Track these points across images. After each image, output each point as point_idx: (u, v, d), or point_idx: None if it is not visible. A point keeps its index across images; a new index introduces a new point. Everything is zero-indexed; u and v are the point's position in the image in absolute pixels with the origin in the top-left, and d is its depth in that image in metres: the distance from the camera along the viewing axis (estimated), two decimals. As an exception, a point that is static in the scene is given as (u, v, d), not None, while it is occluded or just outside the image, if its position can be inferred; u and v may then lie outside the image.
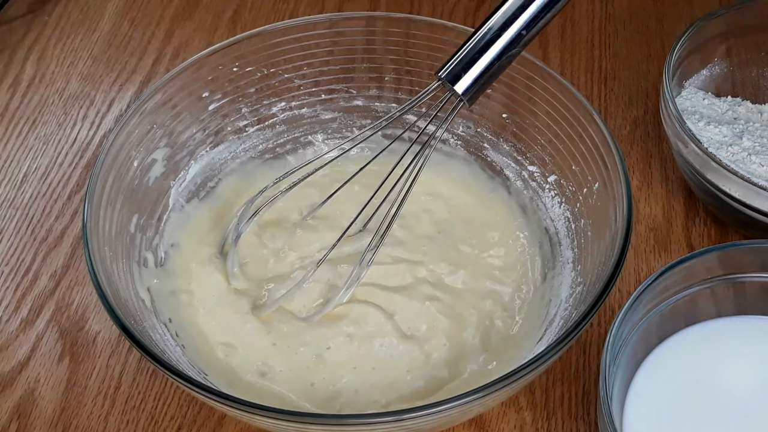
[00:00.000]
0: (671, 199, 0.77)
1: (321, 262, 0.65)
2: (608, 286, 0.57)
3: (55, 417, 0.65)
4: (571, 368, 0.67)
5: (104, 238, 0.61)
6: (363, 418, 0.53)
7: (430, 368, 0.63)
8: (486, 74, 0.60)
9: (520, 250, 0.70)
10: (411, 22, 0.73)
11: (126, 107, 0.86)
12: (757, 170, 0.71)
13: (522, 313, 0.67)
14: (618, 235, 0.60)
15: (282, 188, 0.67)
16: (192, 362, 0.62)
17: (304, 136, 0.76)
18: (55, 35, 0.92)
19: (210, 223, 0.72)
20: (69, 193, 0.79)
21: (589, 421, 0.64)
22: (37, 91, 0.87)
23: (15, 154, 0.82)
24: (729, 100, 0.79)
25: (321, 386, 0.63)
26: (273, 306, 0.65)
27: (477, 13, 0.93)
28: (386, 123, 0.66)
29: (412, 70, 0.74)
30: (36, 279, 0.73)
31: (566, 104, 0.67)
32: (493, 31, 0.60)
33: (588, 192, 0.66)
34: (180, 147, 0.71)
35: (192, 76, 0.70)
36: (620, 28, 0.91)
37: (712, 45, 0.79)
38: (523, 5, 0.59)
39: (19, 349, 0.69)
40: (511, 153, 0.73)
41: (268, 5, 0.94)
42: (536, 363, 0.54)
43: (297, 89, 0.75)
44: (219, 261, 0.68)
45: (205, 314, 0.66)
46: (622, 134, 0.82)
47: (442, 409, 0.52)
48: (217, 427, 0.65)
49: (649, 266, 0.73)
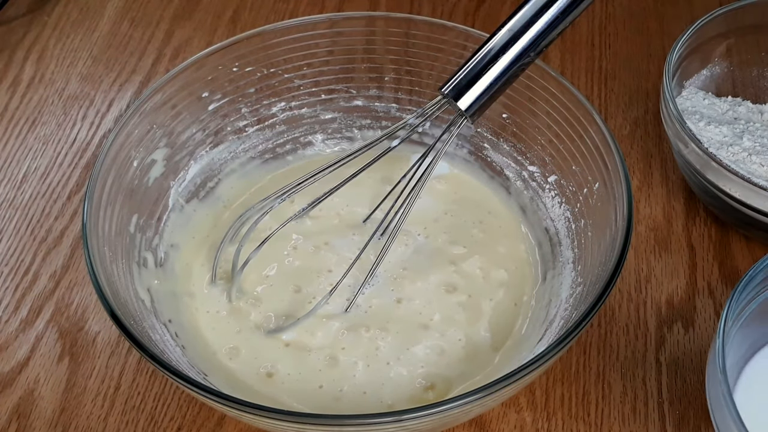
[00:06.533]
0: (671, 199, 0.77)
1: (332, 292, 0.65)
2: (608, 286, 0.57)
3: (55, 417, 0.65)
4: (571, 368, 0.67)
5: (104, 239, 0.61)
6: (363, 418, 0.53)
7: (443, 367, 0.64)
8: (489, 92, 0.61)
9: (522, 248, 0.70)
10: (411, 22, 0.73)
11: (126, 107, 0.86)
12: (758, 170, 0.71)
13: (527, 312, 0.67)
14: (618, 235, 0.60)
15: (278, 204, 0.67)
16: (192, 363, 0.62)
17: (304, 136, 0.76)
18: (54, 35, 0.92)
19: (210, 223, 0.72)
20: (69, 193, 0.79)
21: (590, 422, 0.64)
22: (37, 91, 0.87)
23: (15, 154, 0.82)
24: (729, 100, 0.79)
25: (329, 389, 0.63)
26: (287, 330, 0.65)
27: (477, 13, 0.93)
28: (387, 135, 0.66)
29: (412, 70, 0.74)
30: (36, 279, 0.73)
31: (566, 104, 0.67)
32: (497, 49, 0.60)
33: (588, 192, 0.66)
34: (180, 147, 0.71)
35: (192, 76, 0.70)
36: (620, 28, 0.91)
37: (712, 45, 0.79)
38: (528, 23, 0.60)
39: (19, 350, 0.69)
40: (511, 153, 0.73)
41: (268, 5, 0.94)
42: (536, 363, 0.54)
43: (297, 89, 0.75)
44: (222, 283, 0.68)
45: (207, 318, 0.66)
46: (622, 134, 0.82)
47: (442, 409, 0.52)
48: (216, 428, 0.65)
49: (649, 266, 0.73)
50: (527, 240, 0.71)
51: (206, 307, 0.67)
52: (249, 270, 0.66)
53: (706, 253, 0.74)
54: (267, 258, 0.68)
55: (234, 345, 0.65)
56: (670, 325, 0.69)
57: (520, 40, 0.60)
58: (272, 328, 0.65)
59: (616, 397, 0.66)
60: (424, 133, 0.75)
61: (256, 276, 0.68)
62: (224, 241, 0.67)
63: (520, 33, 0.60)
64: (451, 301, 0.67)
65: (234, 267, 0.67)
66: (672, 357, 0.68)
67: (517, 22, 0.60)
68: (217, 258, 0.67)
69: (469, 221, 0.72)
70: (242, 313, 0.66)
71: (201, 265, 0.69)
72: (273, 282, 0.68)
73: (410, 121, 0.65)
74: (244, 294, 0.67)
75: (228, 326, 0.66)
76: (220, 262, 0.68)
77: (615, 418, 0.65)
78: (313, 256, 0.69)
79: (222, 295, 0.67)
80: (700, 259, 0.73)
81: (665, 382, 0.66)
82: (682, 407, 0.65)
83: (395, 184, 0.70)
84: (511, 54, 0.60)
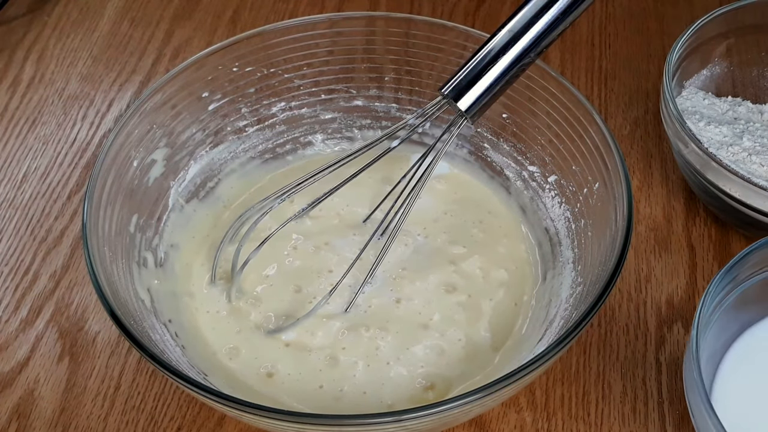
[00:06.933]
0: (671, 199, 0.77)
1: (332, 292, 0.65)
2: (608, 286, 0.57)
3: (55, 417, 0.65)
4: (571, 368, 0.67)
5: (104, 238, 0.61)
6: (363, 418, 0.53)
7: (443, 367, 0.64)
8: (490, 92, 0.61)
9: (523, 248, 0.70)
10: (411, 22, 0.73)
11: (126, 107, 0.86)
12: (758, 170, 0.71)
13: (527, 312, 0.67)
14: (618, 235, 0.60)
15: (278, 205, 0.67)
16: (192, 363, 0.62)
17: (303, 136, 0.76)
18: (54, 35, 0.92)
19: (210, 223, 0.72)
20: (69, 193, 0.79)
21: (590, 422, 0.64)
22: (37, 91, 0.87)
23: (15, 154, 0.82)
24: (729, 100, 0.79)
25: (329, 389, 0.63)
26: (286, 330, 0.65)
27: (477, 13, 0.93)
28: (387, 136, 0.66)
29: (412, 70, 0.74)
30: (35, 279, 0.73)
31: (566, 104, 0.67)
32: (497, 49, 0.60)
33: (588, 192, 0.66)
34: (180, 147, 0.71)
35: (192, 76, 0.70)
36: (620, 28, 0.91)
37: (712, 45, 0.79)
38: (528, 23, 0.60)
39: (19, 350, 0.69)
40: (511, 153, 0.73)
41: (268, 5, 0.94)
42: (536, 363, 0.54)
43: (297, 89, 0.74)
44: (222, 283, 0.68)
45: (207, 318, 0.66)
46: (622, 134, 0.82)
47: (442, 409, 0.52)
48: (216, 428, 0.65)
49: (649, 266, 0.73)
50: (527, 240, 0.71)
51: (206, 307, 0.67)
52: (249, 270, 0.66)
53: (706, 253, 0.74)
54: (267, 258, 0.68)
55: (234, 345, 0.65)
56: (670, 325, 0.69)
57: (521, 41, 0.60)
58: (272, 328, 0.65)
59: (616, 397, 0.66)
60: (424, 134, 0.75)
61: (256, 276, 0.68)
62: (224, 241, 0.67)
63: (520, 33, 0.60)
64: (451, 301, 0.67)
65: (234, 267, 0.67)
66: (672, 357, 0.68)
67: (518, 22, 0.60)
68: (216, 258, 0.67)
69: (469, 221, 0.72)
70: (242, 313, 0.66)
71: (201, 265, 0.69)
72: (273, 282, 0.68)
73: (410, 121, 0.65)
74: (244, 294, 0.67)
75: (228, 326, 0.66)
76: (219, 262, 0.68)
77: (615, 418, 0.65)
78: (313, 256, 0.69)
79: (222, 295, 0.67)
80: (700, 259, 0.73)
81: (665, 382, 0.66)
82: (682, 407, 0.65)
83: (395, 184, 0.70)
84: (511, 55, 0.60)
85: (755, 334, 0.64)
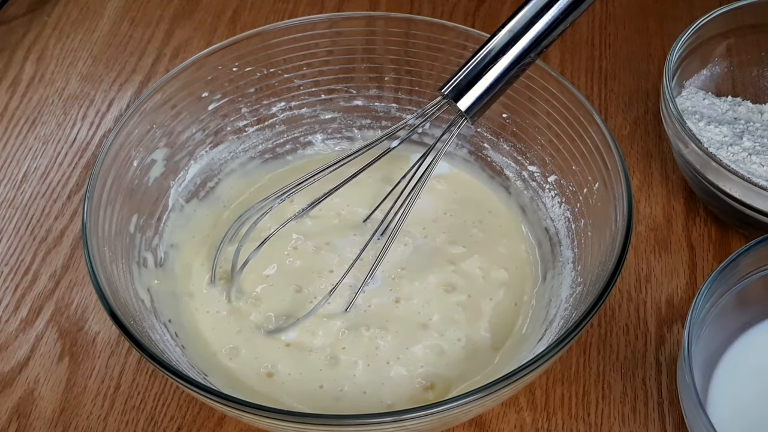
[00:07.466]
0: (671, 199, 0.77)
1: (333, 292, 0.65)
2: (608, 286, 0.57)
3: (55, 417, 0.65)
4: (571, 368, 0.67)
5: (104, 238, 0.61)
6: (363, 418, 0.53)
7: (443, 367, 0.64)
8: (490, 93, 0.61)
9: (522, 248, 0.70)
10: (411, 22, 0.73)
11: (126, 107, 0.86)
12: (758, 170, 0.71)
13: (527, 312, 0.67)
14: (618, 235, 0.60)
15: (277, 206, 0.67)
16: (192, 363, 0.62)
17: (303, 136, 0.76)
18: (54, 35, 0.92)
19: (210, 223, 0.72)
20: (69, 193, 0.79)
21: (590, 422, 0.64)
22: (37, 91, 0.87)
23: (14, 154, 0.82)
24: (729, 100, 0.79)
25: (329, 388, 0.63)
26: (287, 330, 0.65)
27: (477, 13, 0.93)
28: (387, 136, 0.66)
29: (412, 70, 0.74)
30: (35, 279, 0.73)
31: (566, 104, 0.67)
32: (497, 50, 0.60)
33: (588, 192, 0.66)
34: (180, 147, 0.71)
35: (192, 76, 0.70)
36: (620, 28, 0.91)
37: (712, 45, 0.79)
38: (528, 23, 0.60)
39: (19, 350, 0.69)
40: (511, 153, 0.73)
41: (268, 5, 0.94)
42: (536, 363, 0.54)
43: (297, 89, 0.74)
44: (222, 284, 0.68)
45: (207, 318, 0.66)
46: (622, 134, 0.82)
47: (441, 409, 0.52)
48: (216, 428, 0.65)
49: (649, 266, 0.73)
50: (527, 240, 0.71)
51: (206, 307, 0.67)
52: (249, 270, 0.66)
53: (706, 253, 0.74)
54: (267, 258, 0.68)
55: (234, 345, 0.65)
56: (670, 325, 0.69)
57: (521, 41, 0.60)
58: (272, 328, 0.65)
59: (616, 397, 0.66)
60: (424, 134, 0.75)
61: (256, 276, 0.68)
62: (224, 241, 0.67)
63: (520, 34, 0.60)
64: (451, 301, 0.67)
65: (234, 267, 0.67)
66: (672, 357, 0.68)
67: (518, 22, 0.60)
68: (216, 258, 0.67)
69: (468, 221, 0.72)
70: (242, 313, 0.66)
71: (201, 265, 0.69)
72: (273, 282, 0.68)
73: (410, 121, 0.65)
74: (244, 294, 0.67)
75: (228, 326, 0.66)
76: (219, 262, 0.68)
77: (615, 418, 0.65)
78: (313, 256, 0.69)
79: (222, 295, 0.67)
80: (700, 259, 0.73)
81: (665, 382, 0.66)
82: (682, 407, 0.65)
83: (395, 184, 0.70)
84: (511, 55, 0.60)
85: (755, 335, 0.64)
